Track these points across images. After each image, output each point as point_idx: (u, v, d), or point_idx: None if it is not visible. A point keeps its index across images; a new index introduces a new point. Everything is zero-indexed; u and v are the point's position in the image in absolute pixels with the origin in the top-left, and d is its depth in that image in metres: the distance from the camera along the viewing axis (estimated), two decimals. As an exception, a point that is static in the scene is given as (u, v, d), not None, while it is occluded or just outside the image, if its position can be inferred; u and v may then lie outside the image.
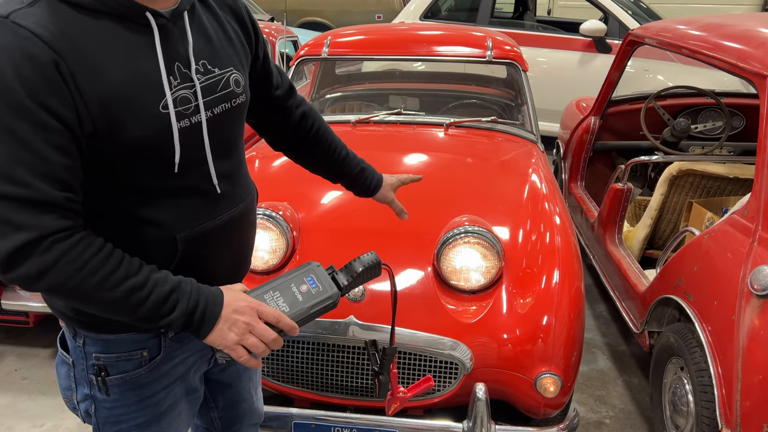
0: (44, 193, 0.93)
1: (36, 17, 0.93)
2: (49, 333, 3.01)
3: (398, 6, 9.49)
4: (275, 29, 5.08)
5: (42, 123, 0.92)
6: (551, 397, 1.88)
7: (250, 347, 1.07)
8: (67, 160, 0.96)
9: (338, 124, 3.03)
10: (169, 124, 1.04)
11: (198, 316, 1.05)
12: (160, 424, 1.24)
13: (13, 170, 0.91)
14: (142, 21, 1.02)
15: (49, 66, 0.92)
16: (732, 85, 4.81)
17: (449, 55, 3.16)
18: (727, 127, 3.31)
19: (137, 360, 1.17)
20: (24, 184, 0.92)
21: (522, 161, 2.73)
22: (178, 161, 1.06)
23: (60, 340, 1.24)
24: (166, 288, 1.03)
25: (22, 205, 0.92)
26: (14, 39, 0.91)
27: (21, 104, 0.91)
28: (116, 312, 1.03)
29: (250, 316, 1.07)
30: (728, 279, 1.92)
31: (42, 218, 0.94)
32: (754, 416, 1.72)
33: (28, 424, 2.46)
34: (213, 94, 1.12)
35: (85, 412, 1.22)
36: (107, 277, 0.99)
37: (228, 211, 1.18)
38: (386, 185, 1.61)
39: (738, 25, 2.53)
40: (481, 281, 2.01)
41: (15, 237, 0.93)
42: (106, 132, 0.98)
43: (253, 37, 1.28)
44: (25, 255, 0.93)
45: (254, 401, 1.52)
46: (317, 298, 1.13)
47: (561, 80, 5.59)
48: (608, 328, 3.22)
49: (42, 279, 0.95)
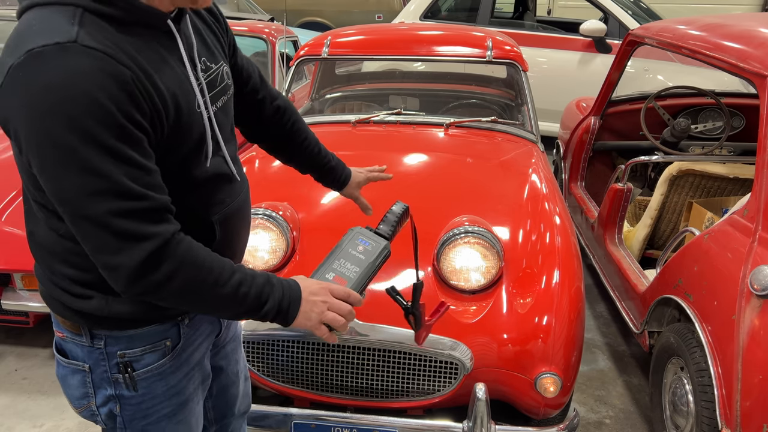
0: (156, 201, 1.00)
1: (96, 37, 0.95)
2: (49, 333, 2.99)
3: (398, 6, 9.49)
4: (275, 29, 5.08)
5: (135, 137, 0.97)
6: (551, 397, 1.88)
7: (330, 322, 1.15)
8: (156, 167, 1.02)
9: (338, 124, 3.03)
10: (203, 121, 1.12)
11: (286, 304, 1.13)
12: (183, 412, 1.27)
13: (127, 186, 0.96)
14: (163, 27, 1.07)
15: (129, 82, 0.96)
16: (732, 85, 4.81)
17: (449, 55, 3.16)
18: (727, 127, 3.31)
19: (161, 350, 1.20)
20: (138, 197, 0.98)
21: (522, 161, 2.73)
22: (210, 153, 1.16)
23: (59, 350, 1.23)
24: (260, 281, 1.11)
25: (142, 217, 0.98)
26: (92, 62, 0.93)
27: (118, 124, 0.94)
28: (225, 308, 1.10)
29: (324, 295, 1.16)
30: (728, 279, 1.92)
31: (160, 225, 1.00)
32: (754, 416, 1.72)
33: (28, 424, 2.46)
34: (215, 89, 1.19)
35: (107, 416, 1.22)
36: (220, 275, 1.06)
37: (242, 191, 1.28)
38: (353, 182, 1.68)
39: (738, 25, 2.53)
40: (481, 281, 2.01)
41: (142, 247, 0.98)
42: (167, 136, 1.04)
43: (224, 28, 1.32)
44: (154, 263, 0.99)
45: (241, 386, 1.54)
46: (375, 251, 1.27)
47: (561, 80, 5.59)
48: (608, 328, 3.22)
49: (170, 283, 1.01)
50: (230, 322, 1.44)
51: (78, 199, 0.95)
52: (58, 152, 0.93)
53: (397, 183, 2.51)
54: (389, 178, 1.75)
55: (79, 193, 0.95)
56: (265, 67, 4.84)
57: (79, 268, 1.11)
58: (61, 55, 0.91)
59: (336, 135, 2.91)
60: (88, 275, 1.10)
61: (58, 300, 1.17)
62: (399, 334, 1.88)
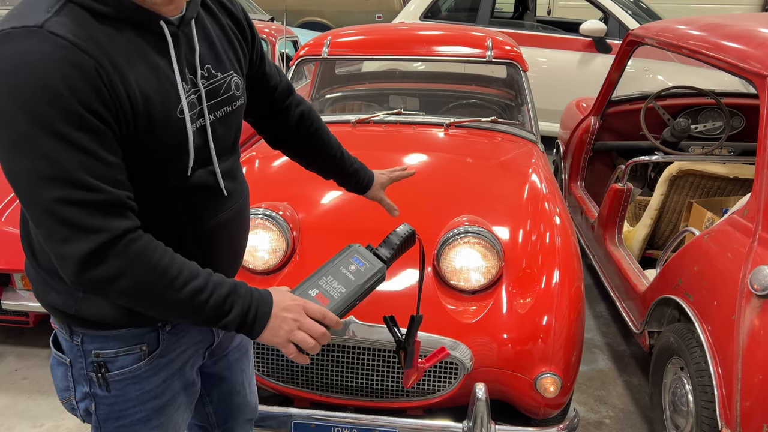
0: (110, 195, 0.96)
1: (68, 26, 0.94)
2: (49, 333, 2.97)
3: (398, 6, 9.49)
4: (275, 29, 5.08)
5: (95, 128, 0.95)
6: (551, 397, 1.88)
7: (299, 342, 1.10)
8: (119, 161, 0.99)
9: (338, 124, 3.03)
10: (185, 129, 1.08)
11: (251, 317, 1.09)
12: (160, 418, 1.25)
13: (78, 175, 0.94)
14: (156, 29, 1.05)
15: (93, 73, 0.94)
16: (732, 85, 4.81)
17: (449, 55, 3.16)
18: (727, 127, 3.31)
19: (136, 354, 1.18)
20: (90, 188, 0.95)
21: (522, 161, 2.73)
22: (192, 163, 1.11)
23: (53, 341, 1.24)
24: (223, 291, 1.06)
25: (92, 209, 0.95)
26: (55, 49, 0.91)
27: (75, 112, 0.92)
28: (180, 314, 1.06)
29: (297, 313, 1.11)
30: (728, 279, 1.92)
31: (112, 219, 0.97)
32: (754, 416, 1.72)
33: (28, 424, 2.46)
34: (216, 98, 1.16)
35: (84, 411, 1.22)
36: (174, 279, 1.02)
37: (230, 208, 1.23)
38: (377, 184, 1.65)
39: (738, 25, 2.53)
40: (481, 281, 2.01)
41: (89, 240, 0.95)
42: (134, 136, 1.01)
43: (249, 38, 1.30)
44: (100, 257, 0.96)
45: (247, 394, 1.52)
46: (367, 274, 1.19)
47: (561, 80, 5.59)
48: (608, 328, 3.22)
49: (117, 281, 0.98)
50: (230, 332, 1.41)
51: (27, 182, 0.94)
52: (8, 133, 0.92)
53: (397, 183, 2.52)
54: (412, 174, 1.74)
55: (28, 177, 0.93)
56: (265, 67, 4.83)
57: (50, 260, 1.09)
58: (24, 38, 0.91)
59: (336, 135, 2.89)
60: None
61: (40, 293, 1.17)
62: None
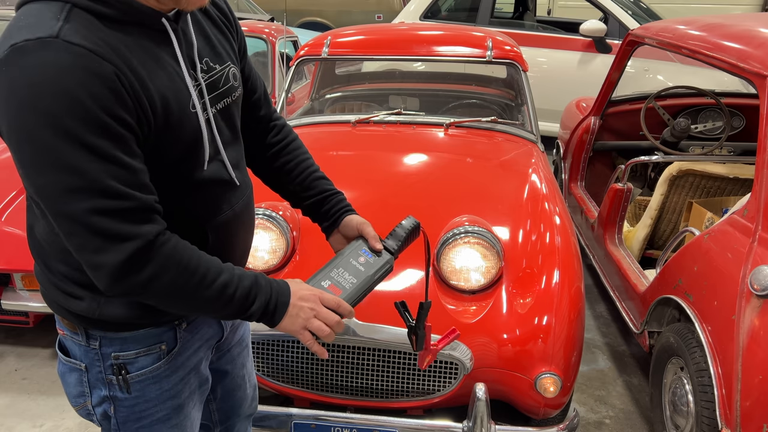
0: (139, 201, 0.98)
1: (81, 33, 0.93)
2: (49, 333, 3.01)
3: (398, 6, 9.49)
4: (275, 29, 5.08)
5: (119, 134, 0.95)
6: (551, 397, 1.88)
7: (315, 330, 1.14)
8: (143, 165, 1.00)
9: (338, 124, 3.03)
10: (198, 122, 1.10)
11: (272, 306, 1.12)
12: (179, 416, 1.26)
13: (107, 184, 0.94)
14: (158, 27, 1.05)
15: (113, 78, 0.94)
16: (732, 85, 4.80)
17: (449, 55, 3.16)
18: (727, 127, 3.31)
19: (156, 354, 1.19)
20: (120, 196, 0.96)
21: (522, 161, 2.73)
22: (207, 157, 1.12)
23: (61, 347, 1.23)
24: (246, 283, 1.10)
25: (123, 217, 0.96)
26: (73, 58, 0.91)
27: (98, 120, 0.93)
28: (210, 309, 1.09)
29: (313, 302, 1.15)
30: (728, 279, 1.92)
31: (143, 225, 0.99)
32: (754, 416, 1.72)
33: (28, 424, 2.46)
34: (216, 91, 1.16)
35: (102, 416, 1.22)
36: (204, 276, 1.05)
37: (242, 199, 1.25)
38: (350, 224, 1.36)
39: (738, 25, 2.53)
40: (481, 281, 2.01)
41: (123, 248, 0.97)
42: (154, 136, 1.02)
43: (236, 30, 1.30)
44: (135, 264, 0.98)
45: (247, 388, 1.53)
46: (376, 265, 1.25)
47: (561, 80, 5.59)
48: (608, 328, 3.22)
49: (152, 284, 1.00)
50: (235, 326, 1.42)
51: (56, 195, 0.94)
52: (34, 148, 0.92)
53: (398, 183, 2.52)
54: None
55: (57, 190, 0.93)
56: (265, 67, 4.84)
57: (72, 267, 1.10)
58: (41, 50, 0.90)
59: (336, 135, 2.91)
60: (81, 275, 1.08)
61: (54, 299, 1.17)
62: (399, 334, 1.88)
